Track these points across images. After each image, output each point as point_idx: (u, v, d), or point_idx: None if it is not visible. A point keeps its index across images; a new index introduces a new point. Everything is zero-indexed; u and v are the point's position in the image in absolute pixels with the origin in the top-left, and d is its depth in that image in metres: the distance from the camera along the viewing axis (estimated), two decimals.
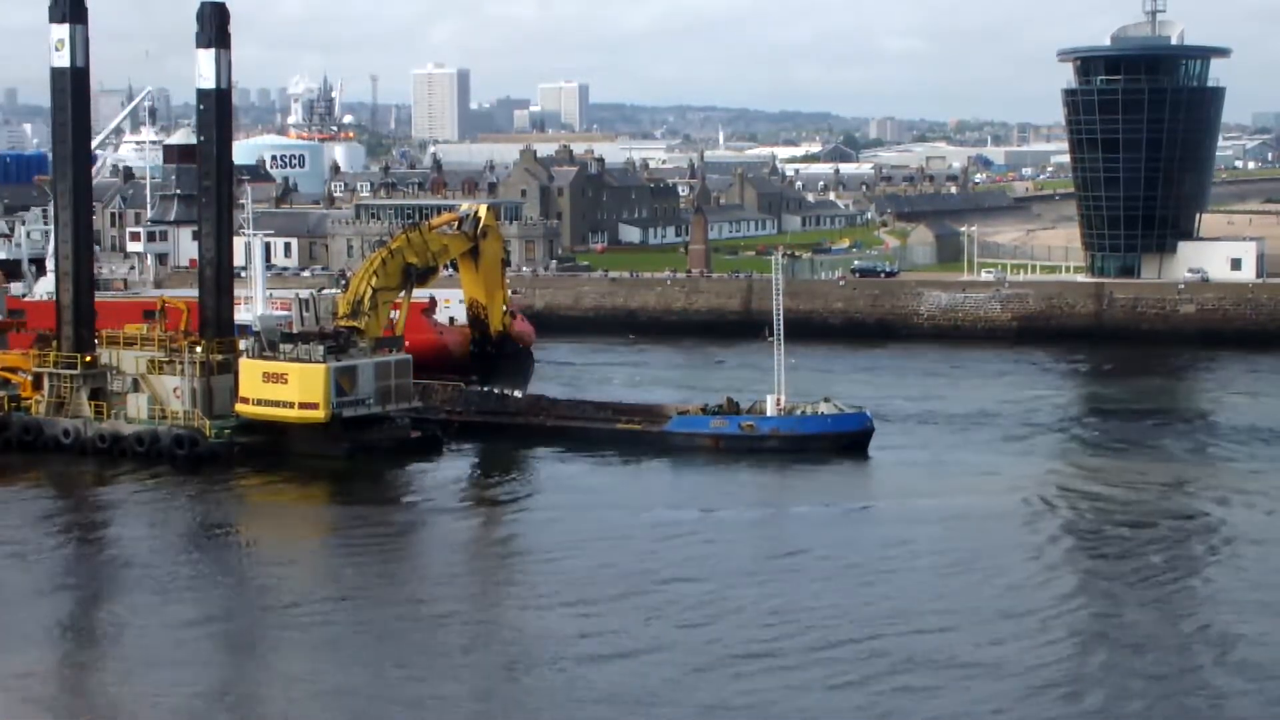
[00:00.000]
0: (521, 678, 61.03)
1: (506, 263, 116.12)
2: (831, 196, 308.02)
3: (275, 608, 70.92)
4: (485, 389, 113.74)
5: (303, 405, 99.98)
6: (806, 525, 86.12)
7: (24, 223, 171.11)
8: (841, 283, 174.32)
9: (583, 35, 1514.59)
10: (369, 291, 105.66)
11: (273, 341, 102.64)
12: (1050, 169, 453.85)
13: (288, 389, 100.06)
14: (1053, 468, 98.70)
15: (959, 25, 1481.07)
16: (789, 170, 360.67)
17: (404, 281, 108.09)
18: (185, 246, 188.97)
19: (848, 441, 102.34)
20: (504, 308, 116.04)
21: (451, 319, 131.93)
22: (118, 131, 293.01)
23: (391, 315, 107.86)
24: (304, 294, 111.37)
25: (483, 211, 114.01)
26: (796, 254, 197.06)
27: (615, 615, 68.18)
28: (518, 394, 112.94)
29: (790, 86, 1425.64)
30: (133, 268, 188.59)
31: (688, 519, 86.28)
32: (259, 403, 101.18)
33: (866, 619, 67.21)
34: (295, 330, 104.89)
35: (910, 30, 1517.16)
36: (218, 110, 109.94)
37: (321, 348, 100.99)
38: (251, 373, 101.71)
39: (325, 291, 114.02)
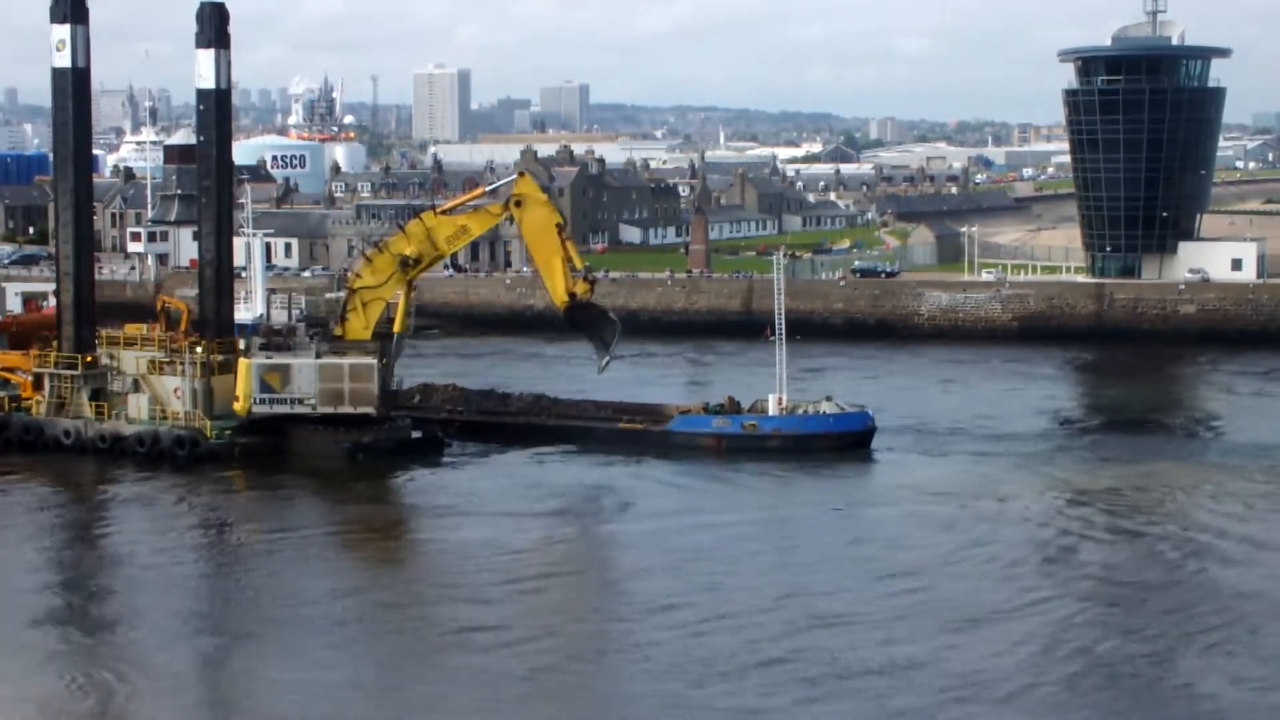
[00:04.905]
0: (521, 677, 60.99)
1: (562, 227, 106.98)
2: (832, 197, 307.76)
3: (274, 608, 70.88)
4: (486, 388, 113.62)
5: (237, 400, 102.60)
6: (808, 526, 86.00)
7: None
8: (842, 283, 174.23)
9: (605, 36, 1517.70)
10: (347, 292, 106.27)
11: (260, 340, 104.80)
12: (1051, 169, 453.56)
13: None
14: (1053, 468, 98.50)
15: (975, 26, 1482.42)
16: (789, 170, 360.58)
17: (399, 275, 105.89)
18: (186, 246, 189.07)
19: (850, 441, 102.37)
20: (567, 274, 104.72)
21: (41, 305, 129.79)
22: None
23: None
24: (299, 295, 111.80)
25: (517, 180, 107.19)
26: (797, 254, 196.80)
27: (617, 615, 68.16)
28: (518, 393, 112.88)
29: (792, 87, 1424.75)
30: (133, 268, 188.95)
31: (690, 519, 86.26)
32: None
33: (868, 620, 67.28)
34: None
35: (926, 31, 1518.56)
36: (218, 110, 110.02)
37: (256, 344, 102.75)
38: (244, 372, 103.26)
39: (329, 295, 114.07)
